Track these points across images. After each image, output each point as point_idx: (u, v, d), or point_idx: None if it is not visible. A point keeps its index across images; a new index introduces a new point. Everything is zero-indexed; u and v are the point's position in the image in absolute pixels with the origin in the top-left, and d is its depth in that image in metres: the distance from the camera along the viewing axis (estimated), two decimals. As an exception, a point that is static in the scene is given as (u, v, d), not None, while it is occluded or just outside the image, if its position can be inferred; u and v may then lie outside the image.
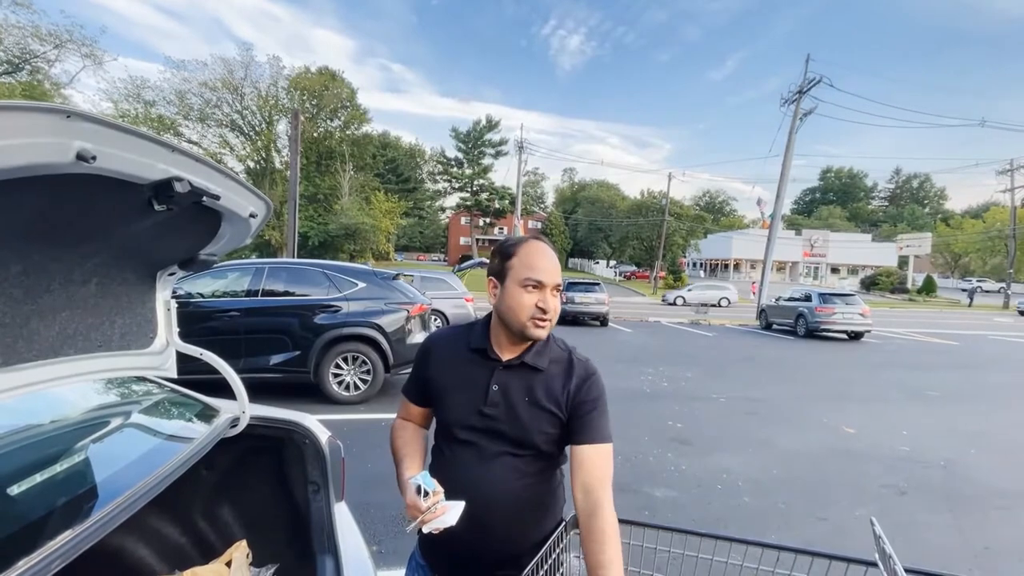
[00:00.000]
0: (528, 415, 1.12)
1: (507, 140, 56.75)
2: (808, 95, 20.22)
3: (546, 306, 1.10)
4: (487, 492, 1.11)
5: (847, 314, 13.80)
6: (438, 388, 1.20)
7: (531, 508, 1.17)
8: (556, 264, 1.13)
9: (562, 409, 1.13)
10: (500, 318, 1.16)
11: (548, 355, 1.17)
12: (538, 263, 1.10)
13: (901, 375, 8.85)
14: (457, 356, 1.20)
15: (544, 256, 1.12)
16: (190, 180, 0.93)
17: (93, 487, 1.18)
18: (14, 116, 0.59)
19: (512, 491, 1.13)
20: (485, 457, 1.13)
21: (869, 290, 40.71)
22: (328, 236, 37.15)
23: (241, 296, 5.87)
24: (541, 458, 1.16)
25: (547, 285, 1.10)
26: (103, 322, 1.22)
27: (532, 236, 1.17)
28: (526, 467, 1.14)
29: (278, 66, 40.00)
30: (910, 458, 4.51)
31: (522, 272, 1.10)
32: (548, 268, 1.10)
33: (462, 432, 1.15)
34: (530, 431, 1.12)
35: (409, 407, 1.29)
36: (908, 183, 77.47)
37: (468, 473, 1.13)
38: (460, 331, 1.26)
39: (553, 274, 1.11)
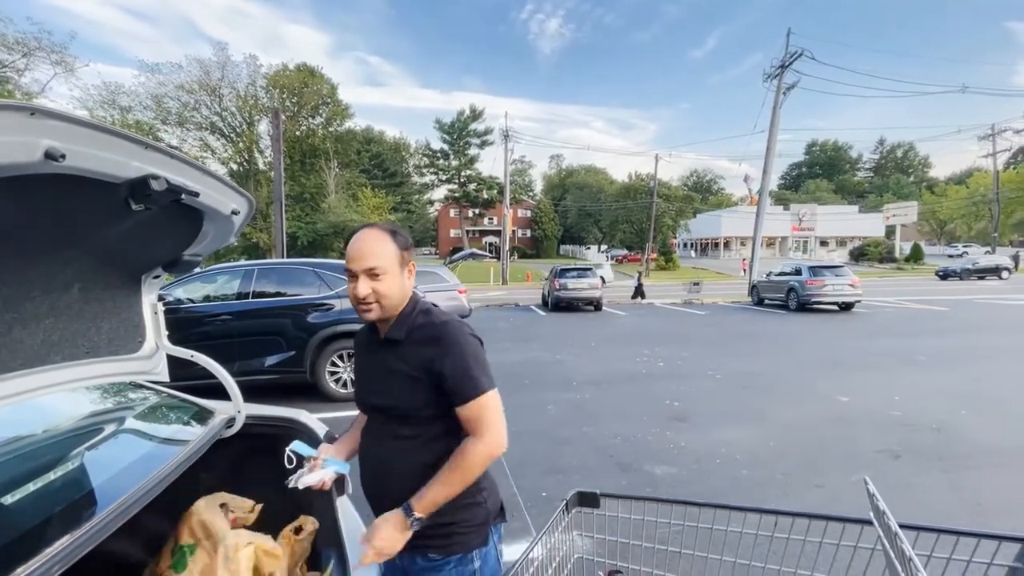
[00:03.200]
0: (392, 383, 1.18)
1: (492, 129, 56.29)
2: (790, 69, 20.16)
3: (355, 293, 1.14)
4: (378, 460, 1.23)
5: (837, 286, 13.92)
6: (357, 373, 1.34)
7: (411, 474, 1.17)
8: (369, 248, 1.13)
9: (423, 372, 1.15)
10: None
11: (407, 326, 1.20)
12: (350, 253, 1.15)
13: (892, 342, 8.97)
14: (362, 343, 1.33)
15: (355, 245, 1.15)
16: (166, 177, 0.92)
17: (90, 492, 1.17)
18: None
19: (393, 456, 1.21)
20: (374, 429, 1.25)
21: (858, 261, 41.09)
22: (317, 235, 36.87)
23: (231, 299, 5.83)
24: (421, 423, 1.18)
25: (356, 272, 1.14)
26: (89, 328, 1.21)
27: (365, 224, 1.22)
28: (405, 433, 1.19)
29: (255, 65, 39.29)
30: (903, 422, 4.59)
31: (346, 264, 1.16)
32: (355, 256, 1.14)
33: (363, 409, 1.31)
34: (398, 398, 1.18)
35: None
36: (892, 153, 77.86)
37: (366, 448, 1.27)
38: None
39: (360, 260, 1.13)
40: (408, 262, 1.21)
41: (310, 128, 42.45)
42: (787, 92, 20.50)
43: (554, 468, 3.67)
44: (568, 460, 3.82)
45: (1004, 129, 35.71)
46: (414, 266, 1.24)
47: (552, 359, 7.95)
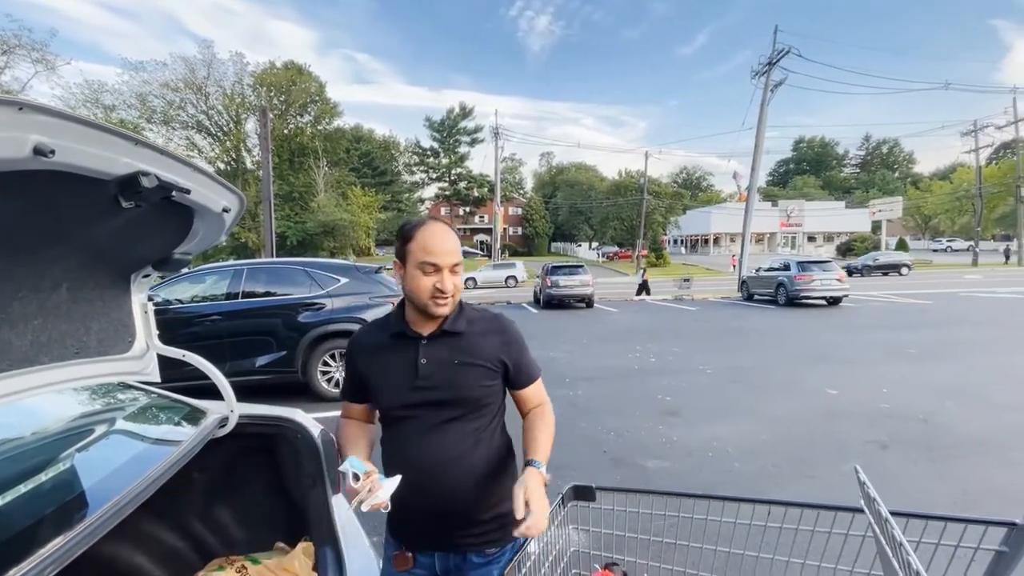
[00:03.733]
0: (461, 375, 1.18)
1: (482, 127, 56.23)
2: (778, 66, 20.36)
3: (443, 287, 1.14)
4: (435, 460, 1.17)
5: (825, 280, 14.10)
6: (370, 379, 1.24)
7: (481, 466, 1.21)
8: (452, 244, 1.16)
9: (493, 362, 1.21)
10: (408, 298, 1.22)
11: (464, 318, 1.23)
12: (434, 246, 1.14)
13: (879, 336, 9.11)
14: (379, 345, 1.25)
15: (439, 238, 1.15)
16: (157, 174, 0.90)
17: (80, 494, 1.16)
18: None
19: (457, 455, 1.18)
20: (428, 427, 1.19)
21: (845, 256, 41.59)
22: (306, 235, 36.63)
23: (221, 300, 5.77)
24: (483, 415, 1.22)
25: (443, 267, 1.14)
26: (78, 328, 1.19)
27: (431, 218, 1.23)
28: (468, 427, 1.20)
29: (242, 63, 38.91)
30: (891, 414, 4.66)
31: (420, 256, 1.14)
32: (443, 250, 1.14)
33: (400, 411, 1.20)
34: (466, 388, 1.19)
35: (350, 407, 1.33)
36: (878, 149, 78.77)
37: (413, 446, 1.19)
38: (377, 323, 1.32)
39: (449, 255, 1.14)
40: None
41: (298, 126, 42.12)
42: (774, 89, 20.70)
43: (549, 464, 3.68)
44: (562, 456, 3.84)
45: (986, 125, 36.24)
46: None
47: (545, 356, 7.97)
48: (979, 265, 33.10)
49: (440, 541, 1.21)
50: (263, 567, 1.40)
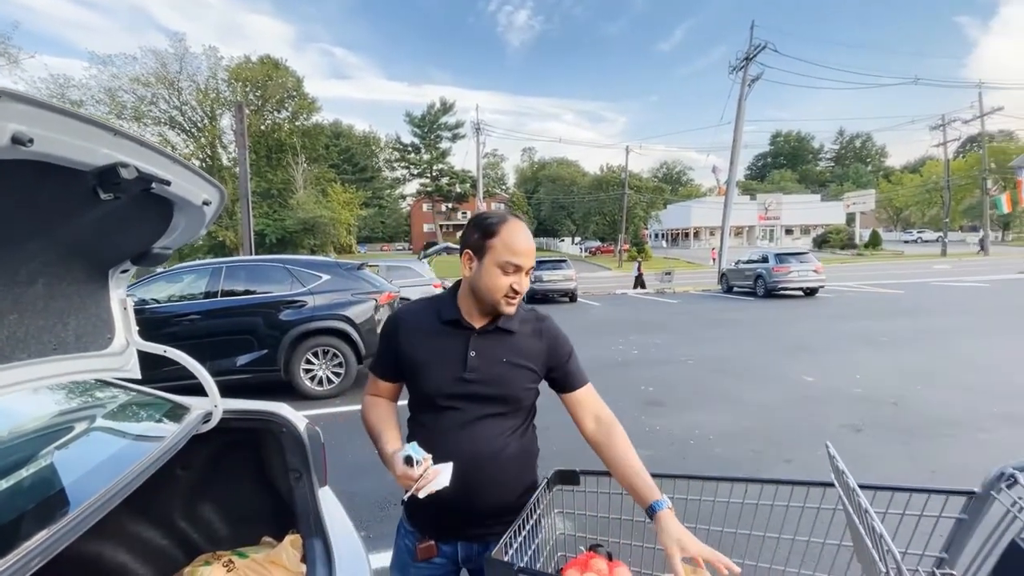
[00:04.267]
0: (509, 375, 1.19)
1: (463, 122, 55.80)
2: (755, 61, 20.66)
3: (520, 288, 1.15)
4: (473, 452, 1.16)
5: (802, 272, 14.42)
6: (413, 361, 1.21)
7: (513, 462, 1.24)
8: (533, 246, 1.17)
9: (539, 365, 1.23)
10: (473, 291, 1.18)
11: (517, 318, 1.23)
12: (520, 247, 1.13)
13: (853, 325, 9.36)
14: (429, 328, 1.22)
15: (524, 239, 1.15)
16: (136, 165, 0.90)
17: (61, 491, 1.14)
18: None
19: (497, 448, 1.19)
20: (468, 420, 1.17)
21: (821, 248, 42.53)
22: (286, 232, 36.04)
23: (199, 299, 5.67)
24: (520, 413, 1.25)
25: (524, 268, 1.15)
26: (55, 324, 1.17)
27: (511, 214, 1.20)
28: (506, 424, 1.21)
29: (216, 57, 37.97)
30: (864, 399, 4.82)
31: (504, 255, 1.12)
32: (528, 251, 1.15)
33: (443, 400, 1.17)
34: (513, 388, 1.19)
35: (378, 384, 1.30)
36: (851, 143, 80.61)
37: (451, 438, 1.16)
38: (427, 304, 1.28)
39: (531, 257, 1.16)
40: None
41: (276, 122, 41.33)
42: (752, 84, 21.00)
43: (534, 455, 3.72)
44: (548, 446, 3.85)
45: (953, 119, 37.35)
46: None
47: (529, 350, 8.00)
48: (947, 255, 34.17)
49: (466, 532, 1.22)
50: (251, 560, 1.40)
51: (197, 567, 1.37)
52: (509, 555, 1.12)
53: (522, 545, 1.23)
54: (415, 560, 1.23)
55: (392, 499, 3.14)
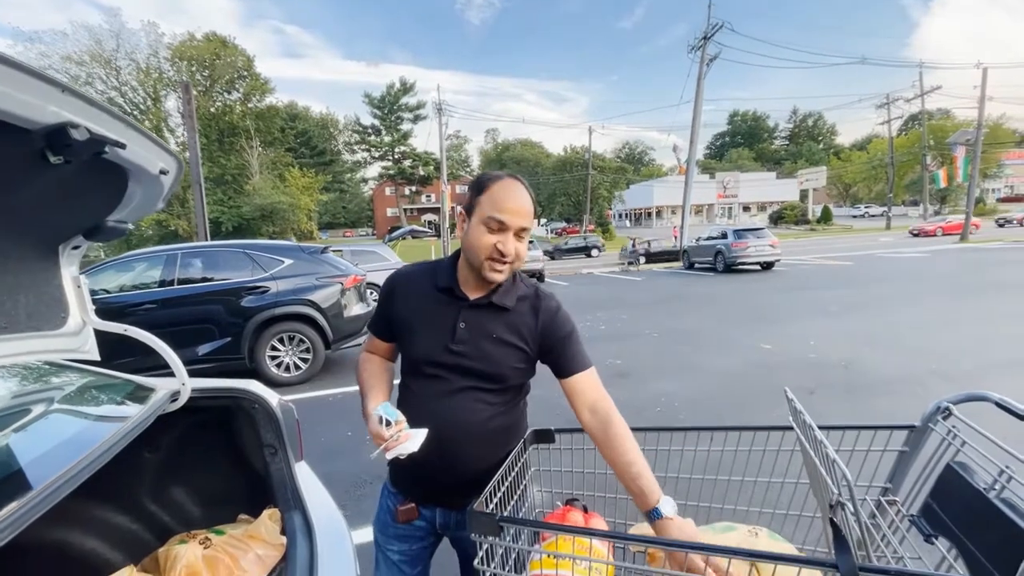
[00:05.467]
0: (497, 352, 1.15)
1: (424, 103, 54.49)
2: (712, 41, 20.99)
3: (505, 249, 1.07)
4: (453, 423, 1.15)
5: (759, 247, 14.98)
6: (404, 325, 1.21)
7: (496, 436, 1.22)
8: (525, 206, 1.09)
9: (530, 345, 1.18)
10: (464, 254, 1.16)
11: (515, 293, 1.18)
12: (505, 203, 1.06)
13: (807, 295, 9.83)
14: (423, 294, 1.20)
15: (514, 196, 1.08)
16: (88, 126, 0.85)
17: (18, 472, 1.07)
18: None
19: (477, 421, 1.17)
20: (452, 390, 1.16)
21: (776, 224, 44.21)
22: (242, 219, 34.62)
23: (154, 287, 5.42)
24: (507, 391, 1.22)
25: (510, 228, 1.07)
26: (3, 301, 1.11)
27: (509, 174, 1.14)
28: (492, 399, 1.19)
29: (156, 33, 35.70)
30: (817, 363, 5.10)
31: (487, 210, 1.06)
32: (515, 209, 1.07)
33: (429, 368, 1.17)
34: (499, 366, 1.16)
35: (375, 341, 1.31)
36: (804, 122, 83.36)
37: (434, 406, 1.16)
38: (425, 268, 1.25)
39: (519, 216, 1.07)
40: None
41: (226, 104, 39.32)
42: (710, 63, 21.35)
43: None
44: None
45: (897, 98, 39.15)
46: None
47: (499, 330, 8.06)
48: (891, 228, 36.11)
49: (445, 498, 1.23)
50: (229, 537, 1.38)
51: (172, 546, 1.35)
52: (490, 509, 1.15)
53: (501, 501, 1.27)
54: (396, 521, 1.24)
55: (368, 478, 3.14)
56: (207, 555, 1.32)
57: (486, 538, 1.09)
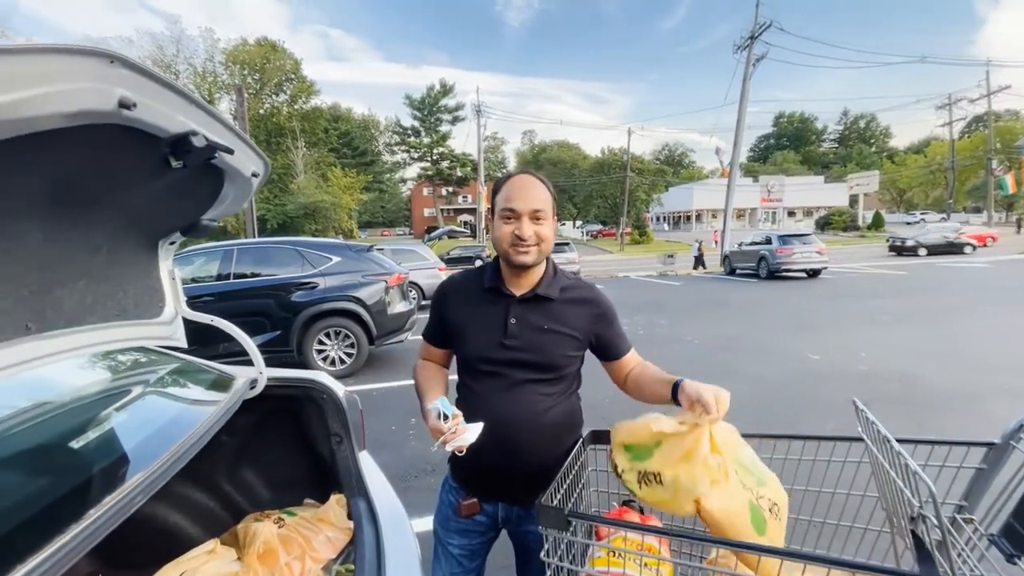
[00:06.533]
0: (548, 342, 1.20)
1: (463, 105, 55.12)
2: (759, 40, 20.38)
3: (521, 233, 1.13)
4: (513, 416, 1.20)
5: (805, 253, 14.44)
6: (457, 327, 1.26)
7: (554, 428, 1.26)
8: (534, 192, 1.16)
9: (582, 332, 1.24)
10: (496, 251, 1.23)
11: (558, 285, 1.25)
12: (514, 194, 1.15)
13: (857, 304, 9.42)
14: (473, 296, 1.27)
15: (522, 187, 1.16)
16: (205, 134, 0.94)
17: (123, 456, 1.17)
18: (60, 59, 0.59)
19: (536, 413, 1.21)
20: (509, 385, 1.21)
21: (823, 230, 42.40)
22: (287, 217, 35.89)
23: (211, 281, 5.73)
24: (562, 380, 1.26)
25: (522, 213, 1.14)
26: (117, 291, 1.23)
27: (520, 171, 1.23)
28: (548, 390, 1.24)
29: (212, 39, 37.62)
30: (870, 375, 4.90)
31: (501, 204, 1.16)
32: (522, 196, 1.15)
33: (485, 365, 1.22)
34: (553, 355, 1.21)
35: (430, 349, 1.37)
36: (855, 123, 79.68)
37: (494, 401, 1.20)
38: (473, 274, 1.33)
39: (528, 201, 1.14)
40: (556, 214, 1.23)
41: (274, 106, 40.94)
42: (756, 64, 20.74)
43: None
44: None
45: (960, 99, 36.94)
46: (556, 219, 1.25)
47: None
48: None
49: (507, 492, 1.26)
50: (300, 518, 1.47)
51: (250, 524, 1.44)
52: (555, 504, 1.19)
53: (562, 500, 1.30)
54: (458, 515, 1.28)
55: (413, 471, 3.23)
56: (282, 533, 1.40)
57: (551, 533, 1.13)
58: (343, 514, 1.51)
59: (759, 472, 1.13)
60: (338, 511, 1.50)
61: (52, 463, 1.14)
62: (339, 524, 1.47)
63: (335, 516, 1.49)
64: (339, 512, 1.50)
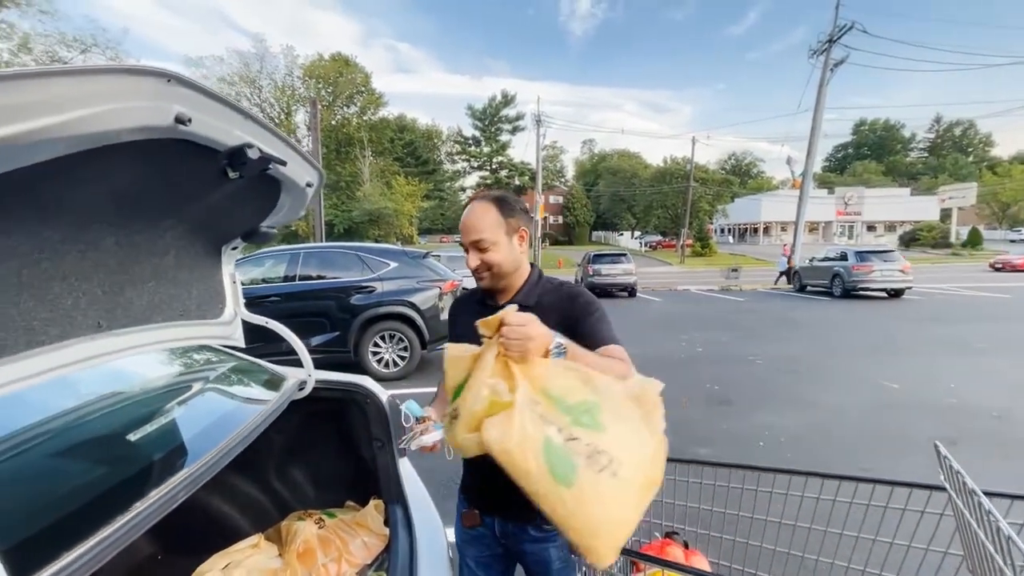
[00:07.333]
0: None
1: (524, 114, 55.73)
2: (839, 43, 19.16)
3: (469, 263, 1.20)
4: None
5: (886, 271, 13.31)
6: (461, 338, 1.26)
7: None
8: (475, 222, 1.18)
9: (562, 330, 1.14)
10: None
11: (538, 291, 1.25)
12: (462, 226, 1.20)
13: (946, 330, 8.55)
14: (471, 308, 1.33)
15: (465, 219, 1.20)
16: (260, 147, 0.98)
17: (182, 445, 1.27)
18: (122, 79, 0.64)
19: None
20: None
21: (909, 247, 39.02)
22: (352, 223, 37.62)
23: (279, 282, 6.07)
24: None
25: (467, 246, 1.20)
26: (182, 292, 1.31)
27: (473, 197, 1.26)
28: None
29: (292, 55, 40.22)
30: (959, 409, 4.41)
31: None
32: (465, 229, 1.19)
33: None
34: None
35: None
36: (949, 131, 72.88)
37: None
38: (475, 289, 1.38)
39: (468, 233, 1.19)
40: (517, 229, 1.22)
41: (345, 117, 43.17)
42: (835, 68, 19.51)
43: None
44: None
45: (1078, 103, 32.88)
46: (526, 232, 1.24)
47: (588, 343, 7.93)
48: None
49: (500, 507, 1.26)
50: (339, 520, 1.50)
51: (292, 522, 1.49)
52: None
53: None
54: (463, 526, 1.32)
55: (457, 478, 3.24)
56: (321, 534, 1.44)
57: (584, 559, 1.08)
58: (380, 520, 1.52)
59: (581, 410, 0.89)
60: (376, 516, 1.52)
61: (118, 449, 1.23)
62: (376, 530, 1.49)
63: (372, 521, 1.50)
64: (376, 518, 1.52)
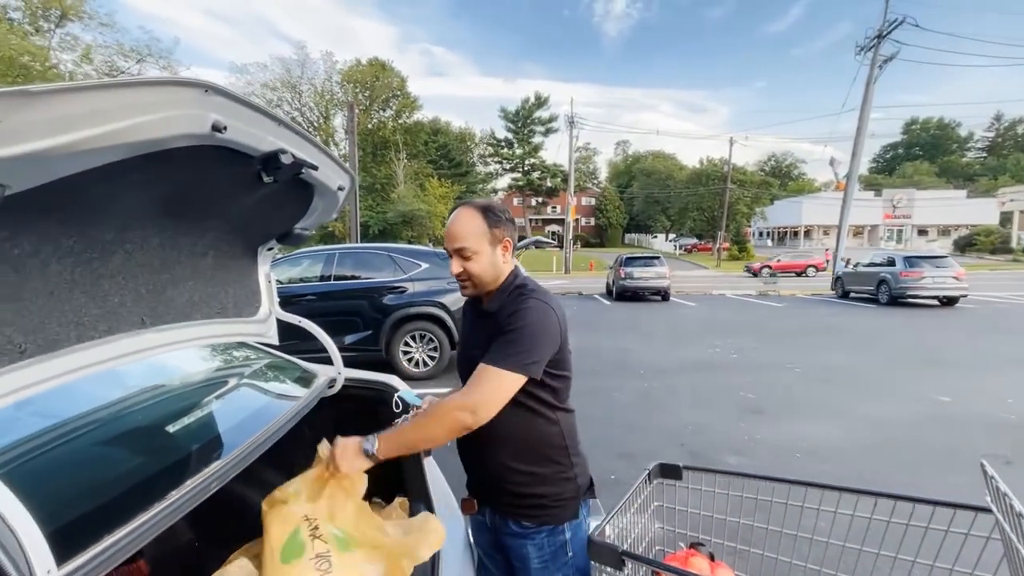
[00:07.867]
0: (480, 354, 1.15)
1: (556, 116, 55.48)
2: (888, 39, 18.31)
3: (452, 270, 1.22)
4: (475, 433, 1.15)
5: (938, 278, 12.61)
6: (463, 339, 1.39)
7: (508, 445, 1.22)
8: (458, 229, 1.19)
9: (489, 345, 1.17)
10: None
11: (501, 299, 1.22)
12: (446, 232, 1.22)
13: (1005, 341, 8.04)
14: (469, 311, 1.39)
15: (450, 225, 1.21)
16: (293, 152, 1.02)
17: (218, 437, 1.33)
18: (163, 90, 0.68)
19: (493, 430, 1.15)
20: None
21: (964, 252, 36.87)
22: (387, 224, 38.38)
23: (315, 281, 6.26)
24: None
25: (450, 252, 1.21)
26: (219, 291, 1.37)
27: (459, 203, 1.29)
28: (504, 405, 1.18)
29: (331, 61, 41.43)
30: (1016, 427, 4.13)
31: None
32: (448, 235, 1.21)
33: (463, 372, 1.32)
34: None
35: None
36: (1012, 129, 68.46)
37: None
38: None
39: (451, 240, 1.20)
40: (501, 239, 1.21)
41: (381, 121, 44.14)
42: (883, 65, 18.63)
43: (624, 452, 3.66)
44: (637, 445, 3.80)
45: None
46: (510, 242, 1.23)
47: (616, 347, 7.86)
48: None
49: (491, 499, 1.31)
50: None
51: (319, 516, 1.52)
52: (610, 538, 1.13)
53: (621, 532, 1.23)
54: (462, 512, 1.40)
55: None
56: (347, 529, 1.47)
57: (605, 568, 1.07)
58: (404, 518, 1.54)
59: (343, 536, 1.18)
60: (400, 514, 1.54)
61: (157, 440, 1.30)
62: (400, 528, 1.51)
63: (396, 519, 1.53)
64: (401, 515, 1.54)
